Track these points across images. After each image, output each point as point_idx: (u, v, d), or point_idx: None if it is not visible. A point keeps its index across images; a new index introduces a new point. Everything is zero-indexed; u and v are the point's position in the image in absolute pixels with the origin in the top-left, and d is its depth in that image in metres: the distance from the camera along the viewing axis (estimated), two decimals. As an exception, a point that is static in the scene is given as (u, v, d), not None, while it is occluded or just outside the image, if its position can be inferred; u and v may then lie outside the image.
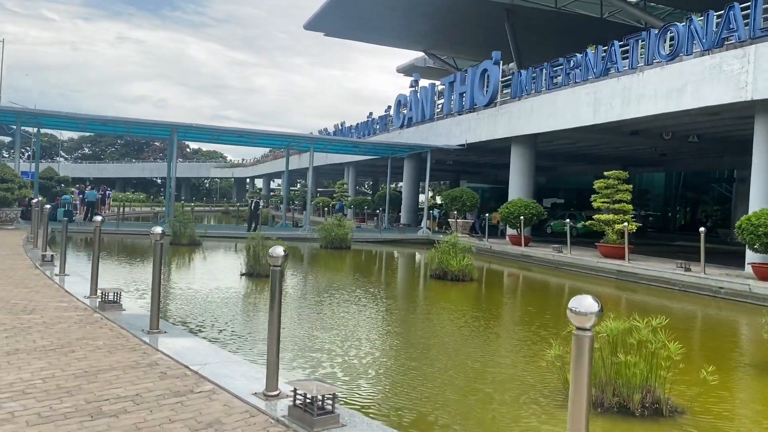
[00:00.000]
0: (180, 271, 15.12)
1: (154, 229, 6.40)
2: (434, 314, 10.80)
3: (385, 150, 31.75)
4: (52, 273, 10.45)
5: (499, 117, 24.97)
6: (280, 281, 4.57)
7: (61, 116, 24.51)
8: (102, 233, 20.96)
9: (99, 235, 8.26)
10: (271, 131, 29.05)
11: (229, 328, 8.78)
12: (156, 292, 6.42)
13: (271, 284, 4.55)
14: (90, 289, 8.28)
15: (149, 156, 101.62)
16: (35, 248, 13.93)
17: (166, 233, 19.98)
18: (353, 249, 22.13)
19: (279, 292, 4.50)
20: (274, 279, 4.54)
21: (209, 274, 14.61)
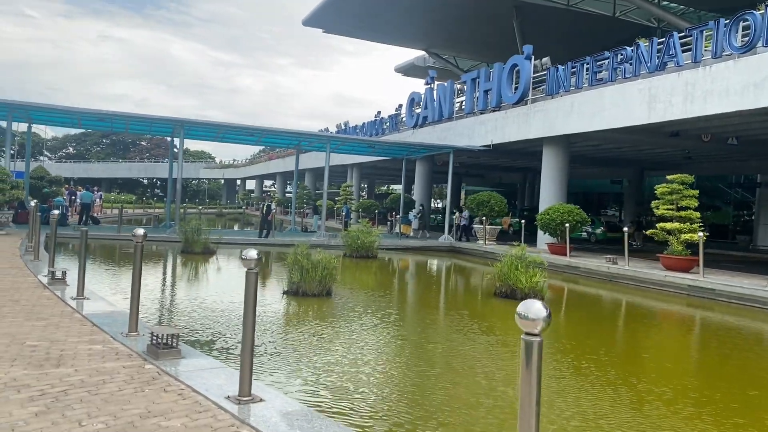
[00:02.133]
0: (214, 290, 13.10)
1: (248, 253, 4.49)
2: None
3: (400, 150, 29.89)
4: (65, 294, 8.47)
5: (532, 116, 23.22)
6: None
7: (55, 110, 22.32)
8: (102, 239, 18.74)
9: (141, 253, 6.30)
10: (282, 129, 27.03)
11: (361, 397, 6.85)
12: (248, 349, 4.49)
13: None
14: (129, 324, 6.32)
15: (135, 156, 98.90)
16: (36, 259, 11.89)
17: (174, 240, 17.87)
18: (380, 258, 20.23)
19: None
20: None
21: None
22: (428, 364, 7.42)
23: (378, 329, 9.35)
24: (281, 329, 8.97)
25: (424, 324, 9.96)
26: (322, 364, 7.09)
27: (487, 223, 23.87)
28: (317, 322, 9.38)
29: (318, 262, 10.88)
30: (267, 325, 9.00)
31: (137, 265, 6.30)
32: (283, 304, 10.80)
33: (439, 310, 11.55)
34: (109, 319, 7.00)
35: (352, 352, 7.74)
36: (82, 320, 6.95)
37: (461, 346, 8.44)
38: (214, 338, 8.03)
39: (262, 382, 5.67)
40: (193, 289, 12.53)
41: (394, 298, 13.36)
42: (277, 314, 10.05)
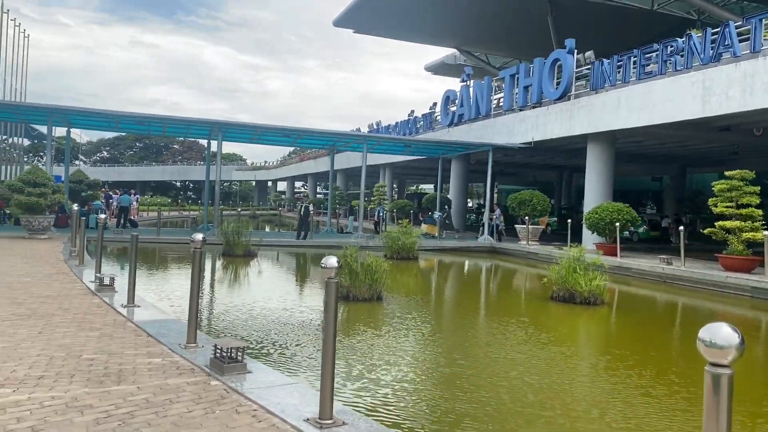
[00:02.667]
0: (263, 294, 12.80)
1: (328, 261, 4.09)
2: (622, 363, 8.37)
3: (436, 149, 29.38)
4: (114, 301, 8.20)
5: (576, 112, 22.51)
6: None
7: (94, 113, 22.37)
8: (141, 242, 18.53)
9: (200, 259, 5.94)
10: (318, 129, 26.74)
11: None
12: (329, 367, 4.07)
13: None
14: (188, 335, 5.96)
15: (168, 159, 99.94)
16: (81, 264, 11.70)
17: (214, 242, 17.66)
18: (421, 259, 19.76)
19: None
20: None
21: (302, 300, 12.19)
22: (511, 385, 6.90)
23: (441, 340, 8.89)
24: (340, 338, 8.55)
25: (488, 334, 9.43)
26: (392, 380, 6.66)
27: (529, 222, 23.21)
28: (374, 331, 8.96)
29: (369, 266, 10.46)
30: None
31: (196, 273, 5.95)
32: (340, 311, 10.38)
33: (498, 317, 10.99)
34: (164, 329, 6.67)
35: (420, 367, 7.29)
36: (136, 330, 6.63)
37: (539, 361, 7.89)
38: (274, 348, 7.64)
39: (337, 400, 5.25)
40: (241, 293, 12.21)
41: (448, 304, 12.87)
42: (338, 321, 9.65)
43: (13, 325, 6.58)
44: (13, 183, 18.34)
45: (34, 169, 18.23)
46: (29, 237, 17.66)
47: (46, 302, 7.98)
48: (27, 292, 8.64)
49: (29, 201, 17.17)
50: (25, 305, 7.69)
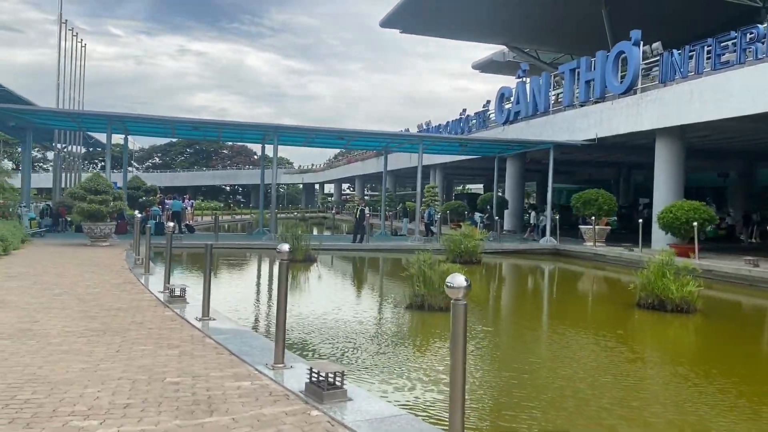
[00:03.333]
0: (333, 304, 12.37)
1: (455, 280, 3.52)
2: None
3: (492, 148, 28.58)
4: (187, 313, 7.83)
5: (644, 106, 21.43)
6: None
7: (150, 120, 22.47)
8: (201, 248, 18.54)
9: (287, 273, 5.47)
10: (371, 131, 26.34)
11: None
12: (459, 404, 3.50)
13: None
14: (275, 354, 5.49)
15: (217, 163, 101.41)
16: (147, 273, 11.46)
17: (272, 246, 17.25)
18: (485, 263, 19.04)
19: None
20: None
21: (375, 309, 11.68)
22: (632, 416, 6.23)
23: (535, 355, 8.24)
24: (435, 355, 8.00)
25: (583, 348, 8.67)
26: (509, 403, 6.06)
27: (596, 223, 22.21)
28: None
29: (445, 273, 9.86)
30: (420, 350, 8.06)
31: (283, 287, 5.48)
32: (416, 321, 9.80)
33: (587, 328, 10.21)
34: (245, 345, 6.22)
35: (529, 386, 6.67)
36: (216, 347, 6.20)
37: (659, 386, 7.15)
38: (366, 369, 7.09)
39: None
40: (310, 302, 11.77)
41: (529, 313, 12.09)
42: (419, 333, 9.10)
43: (89, 342, 6.24)
44: (75, 190, 18.45)
45: (96, 176, 18.28)
46: (91, 244, 17.70)
47: (119, 315, 7.67)
48: (98, 304, 8.37)
49: (91, 208, 17.20)
50: (98, 319, 7.39)
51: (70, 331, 6.72)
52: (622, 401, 6.20)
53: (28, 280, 10.33)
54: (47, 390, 4.66)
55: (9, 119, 22.06)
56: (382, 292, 13.45)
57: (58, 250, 16.19)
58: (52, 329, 6.78)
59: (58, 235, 21.77)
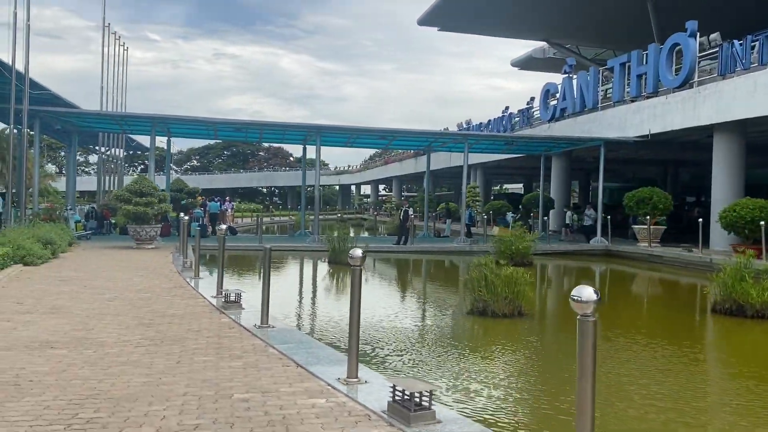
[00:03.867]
0: (390, 310, 11.90)
1: (582, 292, 3.01)
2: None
3: (538, 146, 27.80)
4: (243, 320, 7.48)
5: (701, 100, 20.47)
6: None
7: (193, 121, 22.40)
8: (246, 250, 18.25)
9: (360, 279, 5.02)
10: (414, 130, 25.86)
11: None
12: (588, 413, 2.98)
13: None
14: (348, 368, 5.05)
15: (254, 165, 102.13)
16: (197, 277, 11.17)
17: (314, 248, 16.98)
18: (537, 264, 18.36)
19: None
20: None
21: (434, 316, 11.18)
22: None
23: (625, 369, 7.64)
24: (515, 368, 7.47)
25: (672, 361, 8.04)
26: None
27: (651, 222, 21.31)
28: (537, 359, 7.82)
29: (508, 277, 9.33)
30: (496, 362, 7.54)
31: (356, 295, 5.03)
32: (482, 329, 9.27)
33: (666, 336, 9.46)
34: (312, 357, 5.80)
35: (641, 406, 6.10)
36: (281, 358, 5.79)
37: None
38: (444, 384, 6.59)
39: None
40: (365, 308, 11.20)
41: (603, 318, 11.38)
42: (490, 343, 8.58)
43: (148, 352, 5.90)
44: (120, 193, 18.41)
45: (140, 178, 18.21)
46: (137, 247, 17.61)
47: (174, 322, 7.34)
48: (151, 311, 8.07)
49: (137, 210, 17.10)
50: (154, 327, 7.06)
51: (126, 339, 6.40)
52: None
53: (78, 285, 10.14)
54: (110, 407, 4.30)
55: (55, 122, 22.23)
56: (438, 297, 12.96)
57: (105, 252, 16.11)
58: (107, 337, 6.47)
59: (103, 237, 21.82)
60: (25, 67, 17.56)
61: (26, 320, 7.23)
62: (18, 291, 9.35)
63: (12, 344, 6.07)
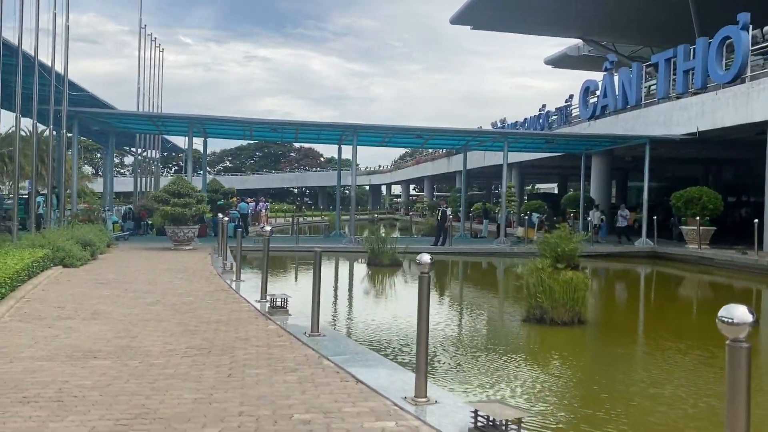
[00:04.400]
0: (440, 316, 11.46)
1: (735, 313, 2.49)
2: None
3: (579, 144, 27.02)
4: (290, 326, 7.09)
5: (755, 95, 19.53)
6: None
7: (229, 122, 22.27)
8: (282, 251, 17.89)
9: (428, 287, 4.57)
10: (450, 128, 25.32)
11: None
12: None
13: None
14: (417, 386, 4.59)
15: (285, 166, 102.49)
16: (239, 280, 10.84)
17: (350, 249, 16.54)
18: (583, 267, 17.64)
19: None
20: None
21: (484, 319, 10.70)
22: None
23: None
24: (593, 386, 6.94)
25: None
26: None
27: (700, 224, 20.44)
28: (625, 374, 7.26)
29: (567, 282, 8.78)
30: (570, 379, 7.02)
31: (424, 306, 4.58)
32: (543, 340, 8.73)
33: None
34: (371, 371, 5.36)
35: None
36: (337, 372, 5.37)
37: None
38: (522, 404, 6.12)
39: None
40: (414, 314, 10.90)
41: (670, 328, 10.57)
42: (557, 357, 8.05)
43: (195, 363, 5.53)
44: (159, 194, 18.28)
45: (178, 179, 18.05)
46: (174, 248, 17.43)
47: (220, 329, 6.98)
48: (195, 316, 7.73)
49: (174, 212, 16.92)
50: (199, 334, 6.71)
51: (172, 349, 6.05)
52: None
53: (118, 288, 9.89)
54: (161, 430, 3.92)
55: (92, 123, 22.28)
56: (487, 302, 12.45)
57: (143, 254, 15.96)
58: (152, 346, 6.14)
59: (140, 238, 21.78)
60: (64, 67, 17.56)
61: (67, 326, 6.95)
62: (58, 294, 9.13)
63: (54, 353, 5.77)
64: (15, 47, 14.53)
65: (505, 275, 18.38)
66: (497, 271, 19.27)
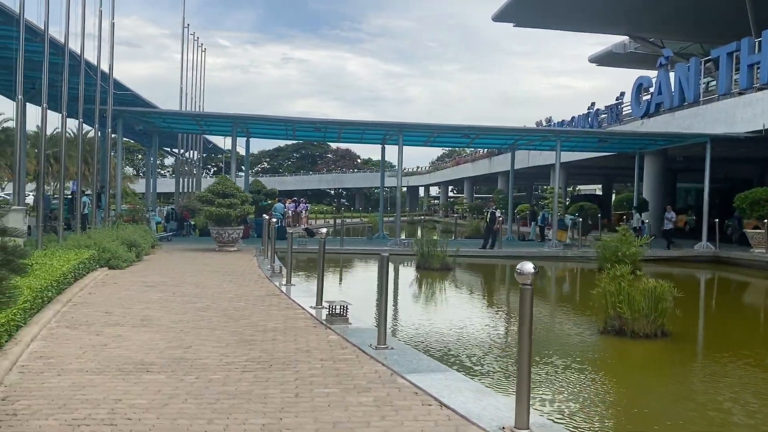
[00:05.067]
0: (501, 327, 10.85)
1: None
2: None
3: (633, 143, 25.90)
4: (352, 336, 6.50)
5: (830, 89, 18.27)
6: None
7: (272, 120, 21.93)
8: (328, 253, 17.39)
9: (531, 302, 3.91)
10: (499, 126, 24.44)
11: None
12: None
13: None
14: (517, 414, 3.94)
15: (323, 168, 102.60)
16: (289, 284, 10.32)
17: (404, 253, 15.88)
18: (646, 273, 16.66)
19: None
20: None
21: (556, 331, 9.92)
22: None
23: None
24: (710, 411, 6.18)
25: None
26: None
27: (766, 227, 19.24)
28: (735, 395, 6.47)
29: (650, 290, 8.00)
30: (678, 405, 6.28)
31: (527, 324, 3.92)
32: (632, 355, 7.96)
33: None
34: (455, 394, 4.70)
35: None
36: (416, 392, 4.74)
37: None
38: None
39: None
40: (477, 323, 10.24)
41: (765, 342, 9.80)
42: (654, 375, 7.30)
43: (257, 379, 4.98)
44: (203, 194, 17.96)
45: (223, 179, 17.71)
46: (219, 249, 17.07)
47: (278, 339, 6.44)
48: (250, 323, 7.21)
49: (219, 212, 16.56)
50: (257, 345, 6.17)
51: (229, 362, 5.51)
52: None
53: (167, 291, 9.46)
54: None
55: (136, 123, 22.16)
56: (556, 311, 11.65)
57: (188, 255, 15.61)
58: (208, 358, 5.61)
59: (183, 239, 21.56)
60: (109, 65, 17.36)
61: (117, 334, 6.49)
62: (105, 298, 8.73)
63: (104, 365, 5.29)
64: (61, 45, 14.33)
65: (568, 281, 17.49)
66: (557, 276, 18.40)
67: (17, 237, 4.65)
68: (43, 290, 7.42)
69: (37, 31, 13.23)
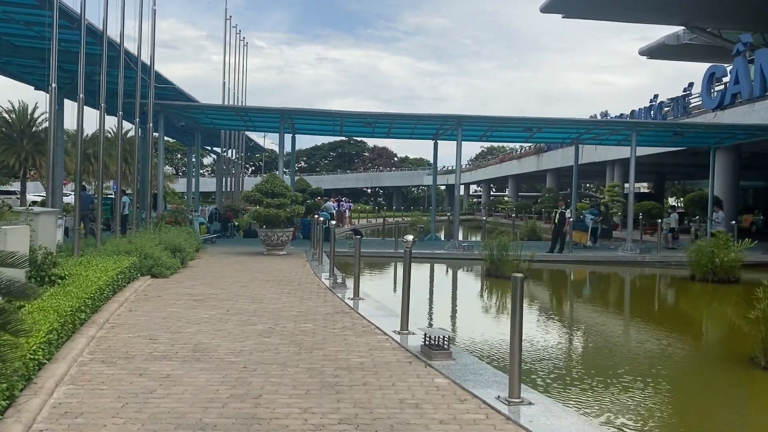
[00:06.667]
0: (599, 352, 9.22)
1: None
2: None
3: (708, 137, 23.74)
4: (463, 380, 4.96)
5: None
6: None
7: (319, 115, 20.62)
8: (382, 256, 15.73)
9: None
10: (564, 118, 22.54)
11: None
12: None
13: None
14: None
15: (359, 167, 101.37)
16: (357, 297, 8.82)
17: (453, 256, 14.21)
18: (746, 281, 14.62)
19: None
20: None
21: (685, 360, 8.23)
22: None
23: None
24: None
25: None
26: None
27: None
28: None
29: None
30: None
31: None
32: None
33: None
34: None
35: None
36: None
37: None
38: None
39: None
40: (577, 346, 8.64)
41: None
42: None
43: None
44: (251, 193, 16.65)
45: (272, 177, 16.35)
46: (267, 253, 15.72)
47: (369, 383, 4.93)
48: (325, 356, 5.74)
49: (268, 213, 15.19)
50: (345, 393, 4.67)
51: (317, 423, 4.02)
52: None
53: (219, 308, 8.06)
54: None
55: (178, 119, 21.00)
56: (674, 333, 9.85)
57: (236, 260, 14.27)
58: (287, 417, 4.14)
59: (228, 240, 20.35)
60: (150, 57, 16.17)
61: (165, 374, 5.08)
62: (148, 318, 7.37)
63: (153, 427, 3.85)
64: (100, 33, 13.14)
65: (658, 292, 15.57)
66: (646, 286, 16.54)
67: (14, 266, 3.20)
68: (74, 312, 6.08)
69: (74, 16, 12.06)
